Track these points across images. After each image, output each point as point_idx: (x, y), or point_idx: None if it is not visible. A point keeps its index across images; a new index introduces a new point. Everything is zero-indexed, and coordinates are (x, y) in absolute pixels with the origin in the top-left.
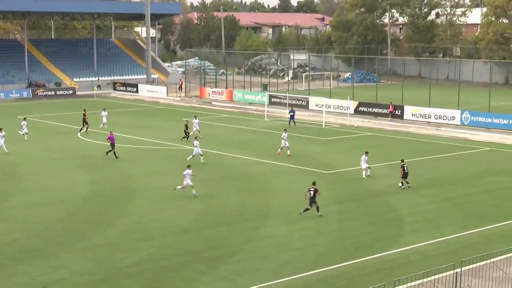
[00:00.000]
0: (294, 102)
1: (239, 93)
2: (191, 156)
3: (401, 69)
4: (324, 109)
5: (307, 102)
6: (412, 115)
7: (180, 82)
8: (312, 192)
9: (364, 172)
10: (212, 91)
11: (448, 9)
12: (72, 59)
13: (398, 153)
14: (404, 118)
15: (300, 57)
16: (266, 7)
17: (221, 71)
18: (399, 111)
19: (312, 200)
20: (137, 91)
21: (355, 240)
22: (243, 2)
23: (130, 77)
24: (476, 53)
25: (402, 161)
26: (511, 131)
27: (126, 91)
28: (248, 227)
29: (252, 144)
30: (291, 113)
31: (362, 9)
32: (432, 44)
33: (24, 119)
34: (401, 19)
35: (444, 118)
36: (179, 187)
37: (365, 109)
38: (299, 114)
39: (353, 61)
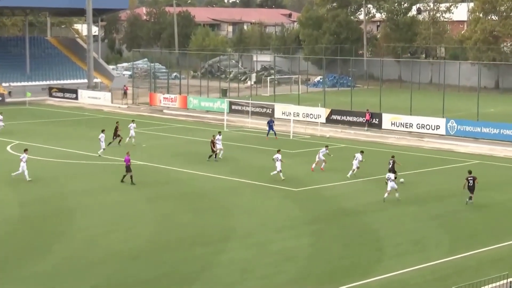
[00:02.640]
0: (257, 109)
1: (194, 100)
2: None
3: (379, 72)
4: (292, 117)
5: (273, 110)
6: (391, 124)
7: (125, 88)
8: (471, 181)
9: (350, 172)
10: (164, 98)
11: (431, 4)
12: (0, 60)
13: (376, 167)
14: (382, 127)
15: (264, 58)
16: (226, 1)
17: (174, 74)
18: (377, 120)
19: (473, 189)
20: (76, 98)
21: (329, 266)
22: None
23: (68, 81)
24: (463, 54)
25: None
26: (502, 141)
27: (64, 97)
28: (207, 251)
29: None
30: (271, 123)
31: (334, 4)
32: (413, 44)
33: None
34: (378, 16)
35: (427, 127)
36: (273, 173)
37: (338, 117)
38: (262, 124)
39: (324, 63)
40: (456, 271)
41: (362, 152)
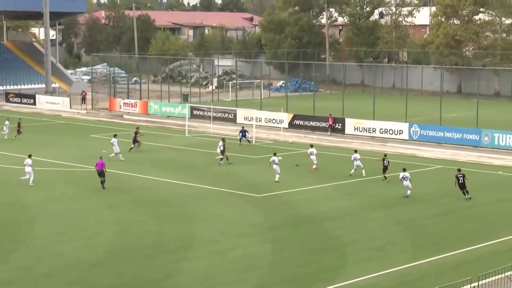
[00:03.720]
0: (219, 114)
1: (155, 105)
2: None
3: (342, 76)
4: (254, 122)
5: (235, 115)
6: (355, 128)
7: (84, 93)
8: (461, 178)
9: (353, 170)
10: (124, 103)
11: (393, 8)
12: None
13: (339, 172)
14: (346, 132)
15: (225, 62)
16: (186, 5)
17: (134, 79)
18: (340, 125)
19: (464, 185)
20: (34, 103)
21: (291, 272)
22: None
23: (26, 86)
24: (425, 58)
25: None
26: (465, 146)
27: (21, 103)
28: (168, 259)
29: (170, 164)
30: (243, 132)
31: (296, 8)
32: (375, 48)
33: None
34: (340, 19)
35: (391, 132)
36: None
37: (301, 122)
38: (224, 129)
39: (286, 68)
40: (420, 277)
41: (356, 151)
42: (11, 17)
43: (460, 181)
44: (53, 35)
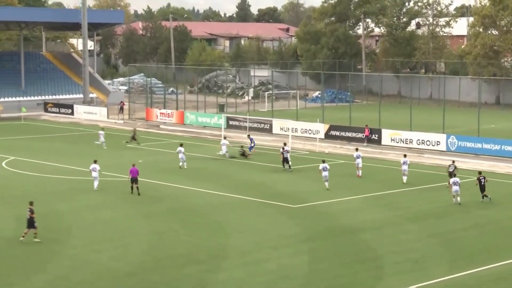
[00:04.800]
0: (255, 125)
1: (191, 115)
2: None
3: (378, 87)
4: (290, 133)
5: (271, 126)
6: (391, 139)
7: (121, 104)
8: (482, 181)
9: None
10: (160, 113)
11: (430, 19)
12: None
13: (375, 184)
14: (382, 143)
15: (262, 73)
16: (222, 15)
17: (171, 89)
18: (376, 135)
19: (483, 189)
20: (72, 113)
21: (326, 284)
22: (196, 10)
23: (64, 96)
24: (463, 69)
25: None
26: (503, 158)
27: (59, 113)
28: (201, 270)
29: (204, 173)
30: (251, 139)
31: (333, 19)
32: (412, 59)
33: None
34: (377, 30)
35: (428, 143)
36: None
37: (337, 133)
38: (260, 139)
39: (322, 78)
40: None
41: (405, 155)
42: (50, 28)
43: (482, 183)
44: (91, 46)
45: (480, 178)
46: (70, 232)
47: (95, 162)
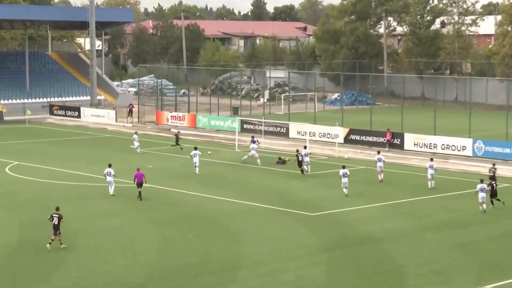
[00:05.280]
0: (271, 129)
1: (204, 118)
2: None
3: (400, 89)
4: (308, 137)
5: (287, 129)
6: (414, 144)
7: (131, 106)
8: (494, 185)
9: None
10: (171, 116)
11: (456, 17)
12: None
13: (396, 191)
14: (404, 148)
15: (278, 74)
16: (237, 13)
17: (182, 91)
18: (398, 140)
19: (495, 194)
20: (79, 116)
21: None
22: (209, 8)
23: (70, 98)
24: (490, 70)
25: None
26: None
27: (65, 115)
28: (214, 281)
29: (217, 179)
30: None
31: (353, 17)
32: (437, 59)
33: None
34: (399, 29)
35: (453, 148)
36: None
37: (357, 137)
38: (276, 144)
39: (342, 79)
40: None
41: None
42: (56, 27)
43: (493, 188)
44: (99, 46)
45: (492, 182)
46: (77, 240)
47: (109, 166)
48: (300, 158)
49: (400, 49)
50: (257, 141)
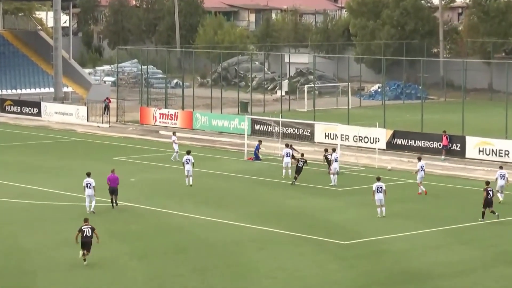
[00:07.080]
0: (290, 130)
1: (203, 117)
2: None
3: (461, 79)
4: (339, 142)
5: (312, 132)
6: (479, 151)
7: (107, 101)
8: (490, 193)
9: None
10: (160, 114)
11: None
12: None
13: (453, 211)
14: (466, 155)
15: (300, 59)
16: None
17: (175, 81)
18: (458, 145)
19: (491, 203)
20: (39, 114)
21: None
22: None
23: (28, 91)
24: None
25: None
26: None
27: (21, 113)
28: None
29: (222, 197)
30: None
31: None
32: (510, 39)
33: None
34: (459, 0)
35: None
36: None
37: (404, 141)
38: (300, 150)
39: (384, 66)
40: None
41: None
42: None
43: (489, 196)
44: (65, 22)
45: (488, 189)
46: (35, 278)
47: (88, 175)
48: (299, 164)
49: (461, 26)
50: (291, 153)
